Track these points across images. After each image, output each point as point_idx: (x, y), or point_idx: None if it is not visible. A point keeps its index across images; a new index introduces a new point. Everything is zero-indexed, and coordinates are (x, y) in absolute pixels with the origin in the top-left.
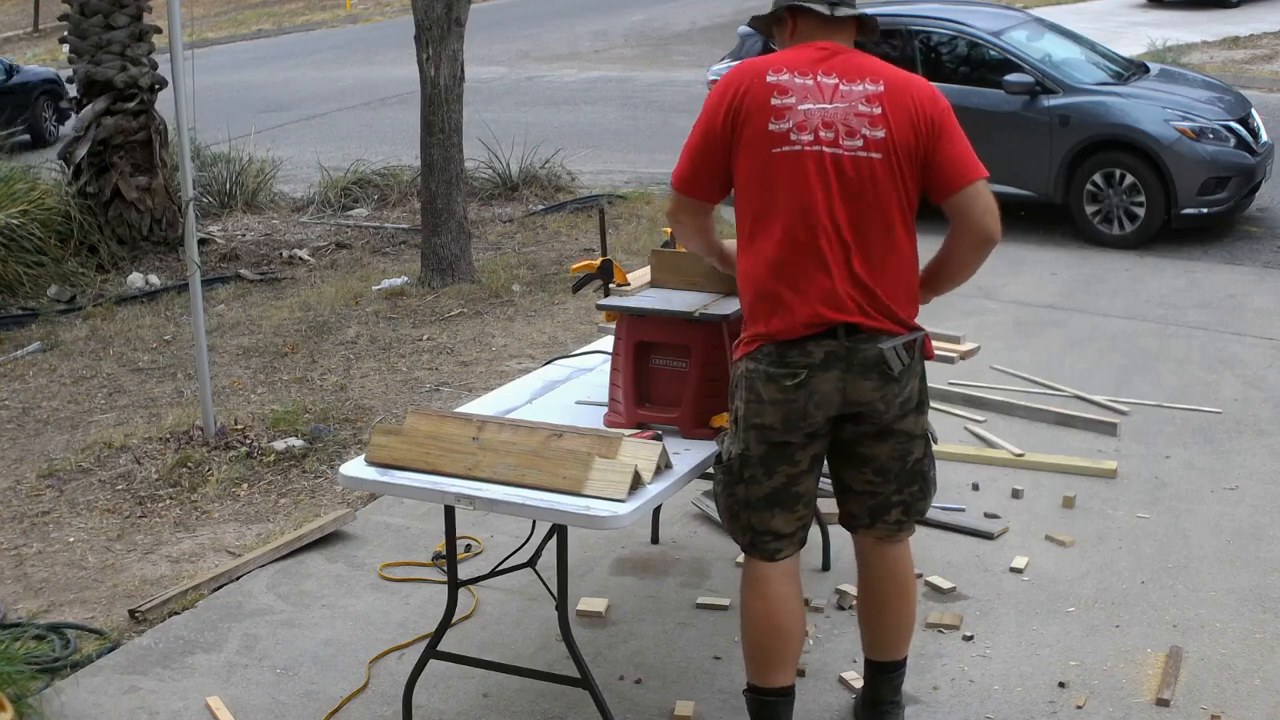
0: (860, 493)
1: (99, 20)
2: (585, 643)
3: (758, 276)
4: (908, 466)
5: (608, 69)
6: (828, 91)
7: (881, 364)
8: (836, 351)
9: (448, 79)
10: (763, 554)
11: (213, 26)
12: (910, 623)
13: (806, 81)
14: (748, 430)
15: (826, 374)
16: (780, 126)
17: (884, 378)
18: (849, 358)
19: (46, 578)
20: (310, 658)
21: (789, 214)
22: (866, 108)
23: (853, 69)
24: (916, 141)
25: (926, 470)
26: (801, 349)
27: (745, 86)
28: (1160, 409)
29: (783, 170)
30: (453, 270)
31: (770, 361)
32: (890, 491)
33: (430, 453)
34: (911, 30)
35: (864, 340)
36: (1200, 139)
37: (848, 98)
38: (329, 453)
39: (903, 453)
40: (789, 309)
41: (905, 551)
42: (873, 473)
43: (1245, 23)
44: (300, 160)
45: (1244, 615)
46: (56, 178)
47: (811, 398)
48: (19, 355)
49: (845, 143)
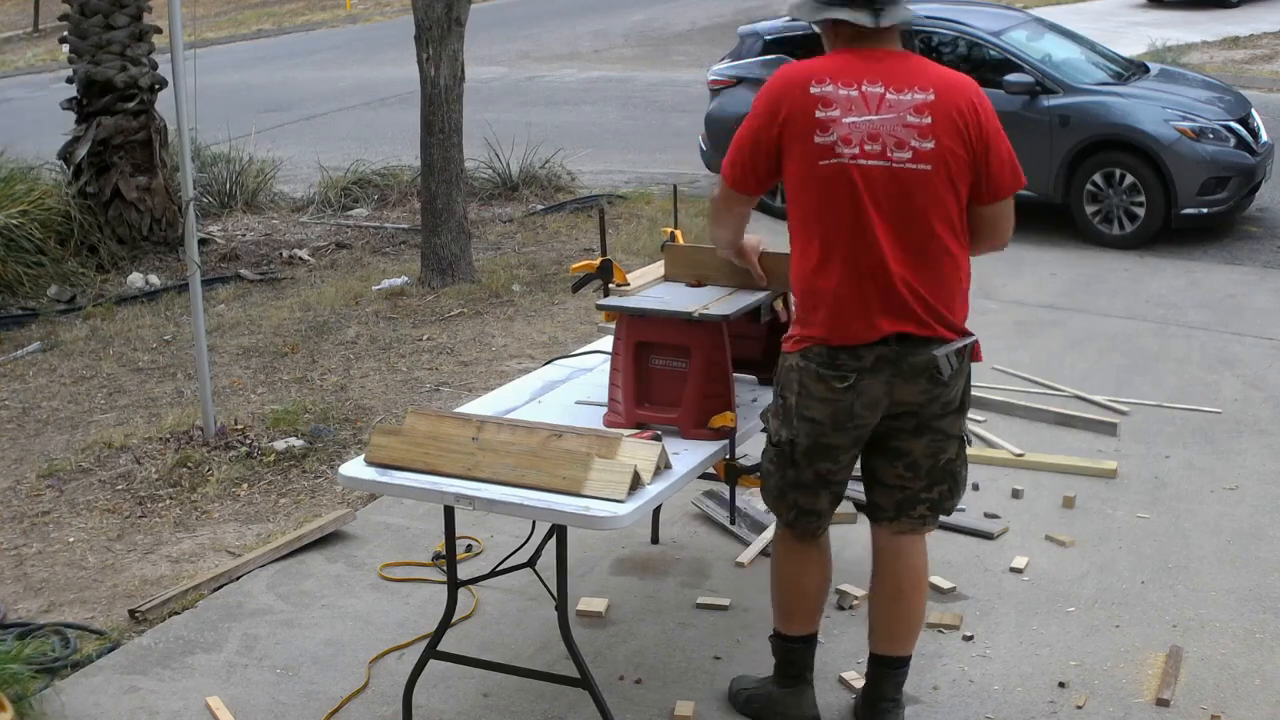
0: (890, 486)
1: (99, 20)
2: (585, 643)
3: (809, 281)
4: (939, 464)
5: (608, 69)
6: (874, 102)
7: (933, 369)
8: (887, 356)
9: (448, 79)
10: (804, 531)
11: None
12: (919, 620)
13: (851, 93)
14: (800, 421)
15: (876, 377)
16: (825, 140)
17: (933, 382)
18: (898, 362)
19: (46, 578)
20: (310, 658)
21: (837, 226)
22: (916, 118)
23: (901, 76)
24: (967, 151)
25: (958, 470)
26: (853, 353)
27: (789, 98)
28: (1160, 409)
29: (829, 183)
30: (453, 270)
31: (820, 362)
32: (920, 488)
33: (430, 453)
34: (911, 30)
35: (917, 345)
36: (1200, 139)
37: (896, 108)
38: (329, 453)
39: (936, 450)
40: (840, 317)
41: (923, 547)
42: (905, 467)
43: (1245, 23)
44: (300, 160)
45: (1244, 615)
46: (56, 178)
47: (860, 399)
48: (19, 355)
49: (894, 154)
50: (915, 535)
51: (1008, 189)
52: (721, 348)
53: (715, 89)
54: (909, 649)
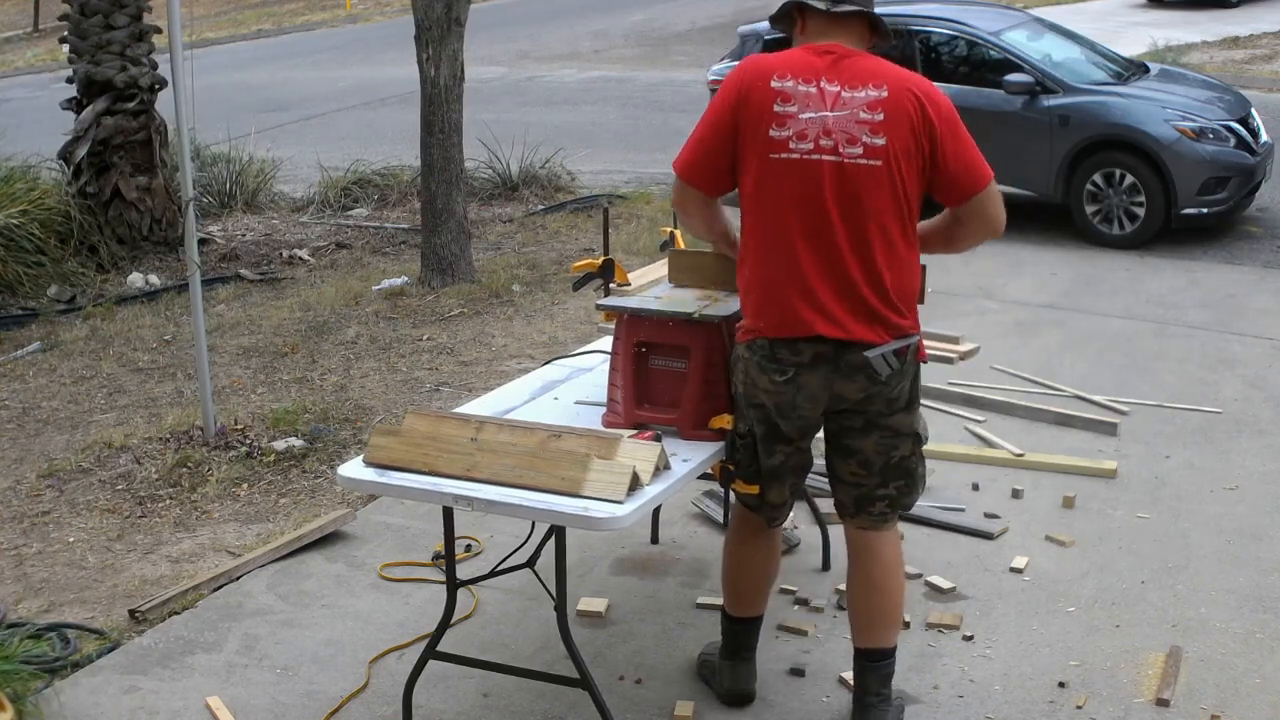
0: (847, 482)
1: (99, 20)
2: (585, 643)
3: (753, 273)
4: (892, 462)
5: (608, 69)
6: (830, 99)
7: (867, 369)
8: (824, 353)
9: (448, 79)
10: (765, 519)
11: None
12: (896, 612)
13: (810, 89)
14: (749, 408)
15: (814, 373)
16: (780, 134)
17: (870, 380)
18: (836, 360)
19: (46, 578)
20: (310, 658)
21: (785, 220)
22: (868, 115)
23: (857, 74)
24: (917, 147)
25: (913, 467)
26: (792, 348)
27: (750, 89)
28: (1160, 409)
29: (780, 177)
30: (453, 270)
31: (763, 355)
32: (874, 484)
33: (429, 453)
34: (911, 30)
35: (851, 347)
36: (1200, 139)
37: (849, 105)
38: (329, 453)
39: (888, 448)
40: (780, 312)
41: (890, 539)
42: (858, 464)
43: (1245, 23)
44: (300, 160)
45: (1244, 615)
46: (56, 178)
47: (800, 392)
48: (19, 355)
49: (845, 150)
50: (880, 530)
51: (970, 188)
52: (721, 348)
53: (715, 89)
54: (889, 641)
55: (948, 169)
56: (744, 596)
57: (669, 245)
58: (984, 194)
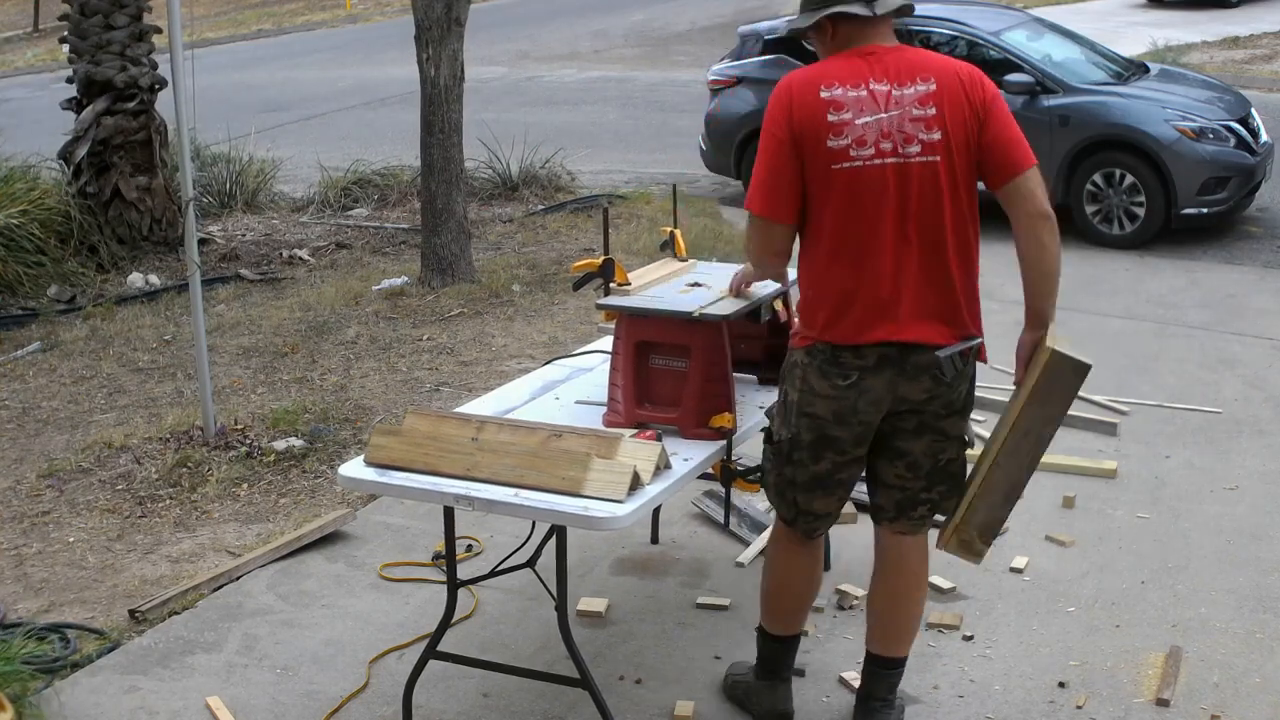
0: (890, 486)
1: (99, 20)
2: (585, 643)
3: (820, 283)
4: (939, 465)
5: (608, 69)
6: (881, 99)
7: (936, 369)
8: (889, 356)
9: (448, 79)
10: (803, 532)
11: (213, 26)
12: (916, 623)
13: (860, 93)
14: (800, 417)
15: (879, 376)
16: (839, 143)
17: (936, 381)
18: (902, 361)
19: (46, 578)
20: (310, 658)
21: (851, 227)
22: (920, 110)
23: (903, 70)
24: (968, 136)
25: (957, 471)
26: (857, 352)
27: (798, 105)
28: (1160, 409)
29: (844, 187)
30: (453, 270)
31: (824, 360)
32: (919, 488)
33: (429, 453)
34: (912, 30)
35: (917, 348)
36: (1200, 139)
37: (901, 103)
38: (329, 453)
39: (936, 450)
40: (851, 319)
41: (923, 547)
42: (905, 467)
43: (1245, 23)
44: (300, 160)
45: (1244, 615)
46: (56, 178)
47: (863, 396)
48: (19, 355)
49: (904, 150)
50: (916, 536)
51: (1013, 166)
52: (721, 348)
53: (715, 89)
54: (904, 650)
55: (994, 148)
56: (786, 614)
57: (669, 245)
58: (1028, 173)
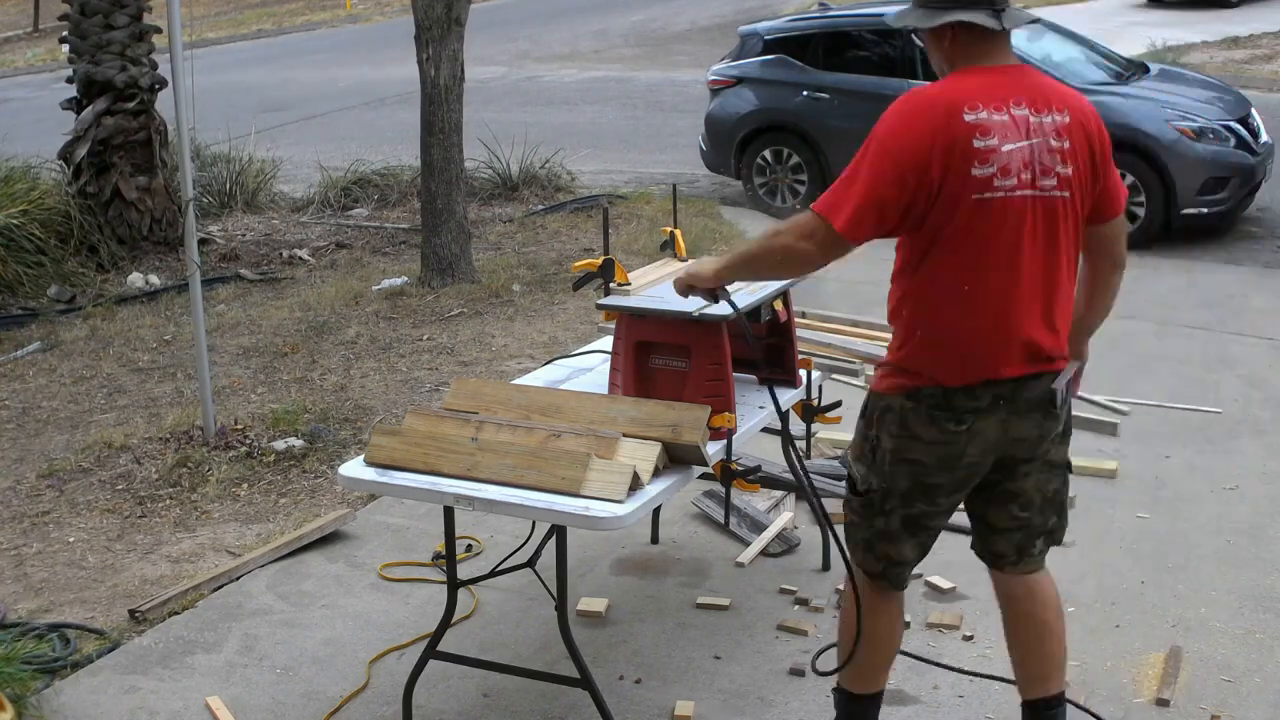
0: (1005, 530)
1: (99, 20)
2: (585, 643)
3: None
4: (1048, 496)
5: (608, 69)
6: (1022, 126)
7: (1049, 402)
8: (1002, 394)
9: (448, 79)
10: (893, 583)
11: (213, 26)
12: (1065, 649)
13: (1003, 118)
14: (896, 465)
15: (991, 417)
16: (984, 171)
17: (1046, 415)
18: (1014, 399)
19: (46, 578)
20: (310, 658)
21: (987, 261)
22: (1057, 142)
23: (1040, 97)
24: (1094, 175)
25: (1064, 499)
26: (971, 394)
27: (945, 129)
28: (1160, 409)
29: (985, 218)
30: (453, 270)
31: (933, 404)
32: (1037, 524)
33: (429, 453)
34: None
35: (1032, 379)
36: (1200, 139)
37: (1040, 132)
38: (329, 453)
39: (1044, 482)
40: (974, 359)
41: (1049, 577)
42: (1019, 508)
43: (1245, 23)
44: (300, 160)
45: (1244, 615)
46: (56, 178)
47: (974, 440)
48: (19, 355)
49: (1042, 183)
50: (1041, 571)
51: (1112, 206)
52: (721, 348)
53: (715, 89)
54: (1063, 683)
55: (1107, 188)
56: (878, 671)
57: (669, 245)
58: (1122, 217)
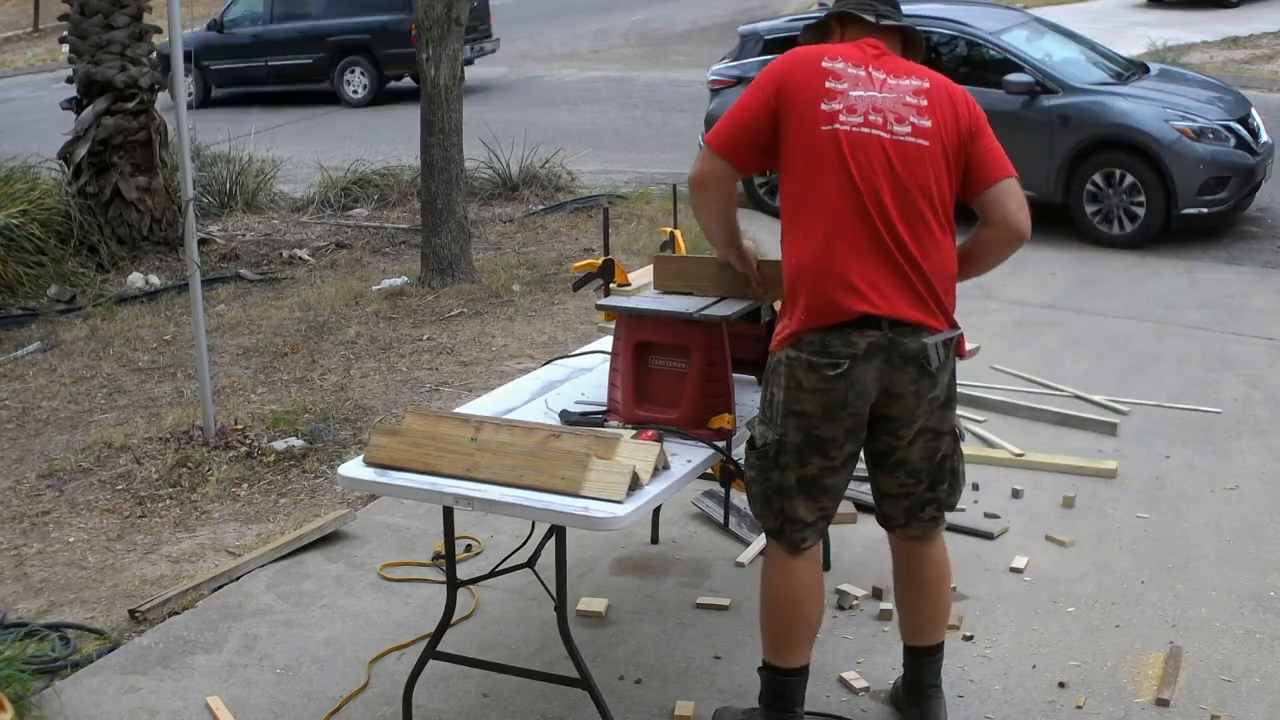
0: (894, 495)
1: (99, 20)
2: (585, 643)
3: (803, 262)
4: (936, 462)
5: (608, 69)
6: (877, 83)
7: (922, 358)
8: (879, 343)
9: (448, 79)
10: (790, 542)
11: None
12: (948, 606)
13: (859, 72)
14: (786, 417)
15: (868, 364)
16: (831, 106)
17: (922, 371)
18: (890, 349)
19: (46, 578)
20: (310, 658)
21: (835, 197)
22: (914, 99)
23: (900, 67)
24: (959, 136)
25: (956, 466)
26: (845, 339)
27: (798, 67)
28: (1160, 409)
29: (829, 150)
30: (453, 270)
31: (813, 350)
32: (923, 490)
33: (429, 453)
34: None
35: (907, 333)
36: (1200, 139)
37: (896, 90)
38: (329, 453)
39: (932, 450)
40: (832, 296)
41: (941, 542)
42: (905, 475)
43: (1245, 23)
44: (300, 160)
45: (1244, 615)
46: (56, 177)
47: (852, 387)
48: (19, 355)
49: (895, 128)
50: (931, 539)
51: (996, 174)
52: (721, 348)
53: (715, 89)
54: (941, 635)
55: (975, 161)
56: (794, 640)
57: (669, 245)
58: (1006, 183)
